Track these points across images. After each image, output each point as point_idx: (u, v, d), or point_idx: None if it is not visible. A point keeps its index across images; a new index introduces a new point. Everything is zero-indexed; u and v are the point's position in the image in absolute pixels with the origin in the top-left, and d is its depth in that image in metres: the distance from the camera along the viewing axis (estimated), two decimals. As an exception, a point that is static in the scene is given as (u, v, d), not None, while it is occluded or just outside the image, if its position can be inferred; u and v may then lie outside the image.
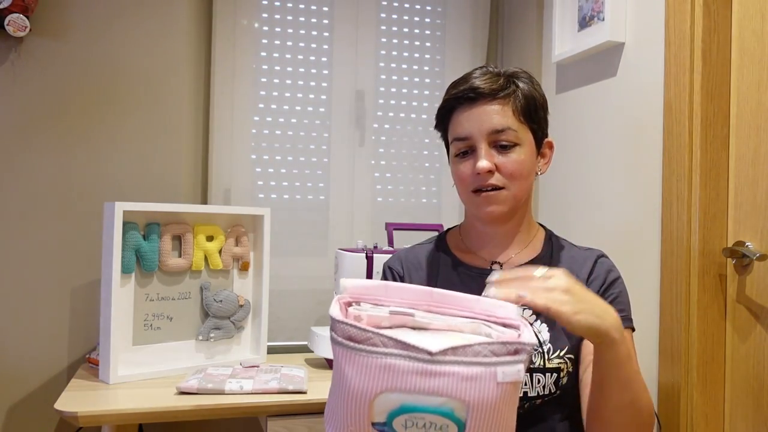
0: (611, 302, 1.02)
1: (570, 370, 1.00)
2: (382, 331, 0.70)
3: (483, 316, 0.78)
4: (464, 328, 0.77)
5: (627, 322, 1.02)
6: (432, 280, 1.10)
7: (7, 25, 1.52)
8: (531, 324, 1.01)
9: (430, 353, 0.68)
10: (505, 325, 0.76)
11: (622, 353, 0.83)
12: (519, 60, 1.97)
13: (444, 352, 0.68)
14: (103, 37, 1.68)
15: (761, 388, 1.19)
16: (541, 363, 0.98)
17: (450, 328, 0.77)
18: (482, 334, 0.75)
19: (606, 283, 1.05)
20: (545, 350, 0.99)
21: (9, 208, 1.61)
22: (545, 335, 1.00)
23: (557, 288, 0.79)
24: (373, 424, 0.70)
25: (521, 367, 0.71)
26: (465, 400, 0.68)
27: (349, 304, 0.80)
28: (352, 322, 0.71)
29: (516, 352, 0.70)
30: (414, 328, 0.77)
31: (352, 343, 0.70)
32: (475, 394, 0.68)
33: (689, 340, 1.27)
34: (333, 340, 0.73)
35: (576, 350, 1.01)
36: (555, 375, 0.98)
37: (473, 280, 1.06)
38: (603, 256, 1.09)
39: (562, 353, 0.99)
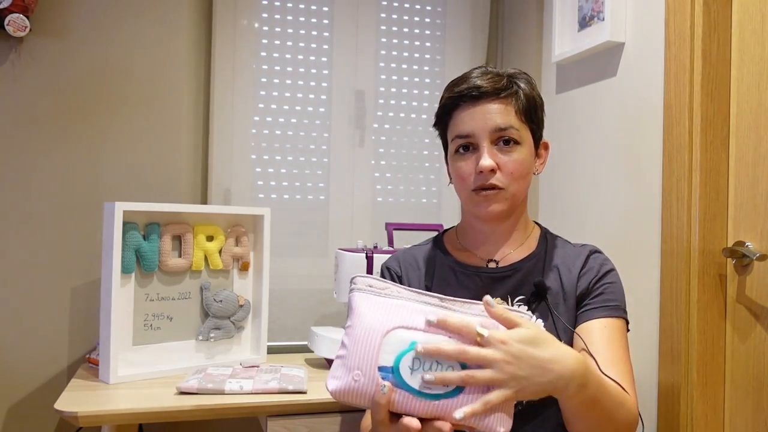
0: (602, 293, 1.03)
1: None
2: (398, 285, 0.84)
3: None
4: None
5: (619, 312, 1.03)
6: (428, 279, 1.10)
7: (7, 25, 1.52)
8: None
9: (440, 299, 0.82)
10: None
11: (587, 397, 0.83)
12: (519, 60, 1.97)
13: (453, 301, 0.82)
14: (103, 37, 1.68)
15: (761, 388, 1.19)
16: None
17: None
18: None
19: (599, 275, 1.05)
20: None
21: (9, 207, 1.61)
22: None
23: (499, 361, 0.75)
24: (380, 369, 0.77)
25: None
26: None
27: None
28: (373, 276, 0.85)
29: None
30: None
31: (372, 288, 0.84)
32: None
33: (689, 340, 1.27)
34: (353, 290, 0.84)
35: (569, 345, 1.01)
36: None
37: (469, 279, 1.07)
38: (597, 251, 1.10)
39: None
